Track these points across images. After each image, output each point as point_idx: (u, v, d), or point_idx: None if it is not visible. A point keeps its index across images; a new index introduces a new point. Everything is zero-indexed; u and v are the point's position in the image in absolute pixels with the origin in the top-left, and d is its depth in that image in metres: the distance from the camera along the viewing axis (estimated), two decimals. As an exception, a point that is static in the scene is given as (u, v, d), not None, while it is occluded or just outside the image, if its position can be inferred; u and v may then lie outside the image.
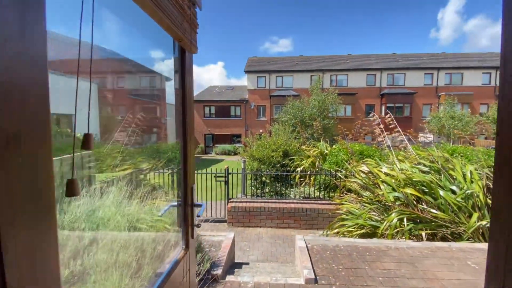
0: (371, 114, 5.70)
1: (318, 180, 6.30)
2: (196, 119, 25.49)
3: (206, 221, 5.52)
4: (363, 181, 4.85)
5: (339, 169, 5.87)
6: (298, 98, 17.75)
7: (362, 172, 5.07)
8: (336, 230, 4.70)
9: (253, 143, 8.07)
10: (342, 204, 5.04)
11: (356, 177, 5.06)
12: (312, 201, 5.49)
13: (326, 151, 7.70)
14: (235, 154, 22.46)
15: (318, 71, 20.56)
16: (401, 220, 4.03)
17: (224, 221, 5.46)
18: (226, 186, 5.45)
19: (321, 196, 6.30)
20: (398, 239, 3.97)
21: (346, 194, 5.40)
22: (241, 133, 24.66)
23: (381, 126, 5.53)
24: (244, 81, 27.27)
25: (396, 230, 3.98)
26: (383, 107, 23.68)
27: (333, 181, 5.71)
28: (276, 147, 7.59)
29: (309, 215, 5.15)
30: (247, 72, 24.01)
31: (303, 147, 8.41)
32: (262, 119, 24.33)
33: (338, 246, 3.49)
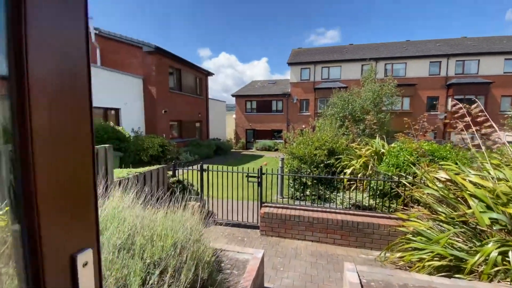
0: (454, 103, 4.31)
1: (372, 186, 5.13)
2: (237, 114, 25.43)
3: (237, 226, 4.87)
4: (441, 192, 3.61)
5: (402, 174, 4.62)
6: (347, 90, 16.01)
7: (438, 180, 3.81)
8: (399, 255, 3.59)
9: (293, 139, 7.16)
10: (408, 220, 3.87)
11: (429, 186, 3.83)
12: (366, 213, 4.40)
13: (382, 150, 6.39)
14: (276, 150, 21.64)
15: (370, 59, 18.32)
16: (504, 254, 2.80)
17: (257, 227, 4.73)
18: (259, 188, 4.70)
19: (375, 206, 5.14)
20: (499, 281, 2.75)
21: (412, 207, 4.19)
22: (282, 128, 23.67)
23: (467, 118, 4.12)
24: (287, 75, 26.10)
25: (496, 268, 2.76)
26: (450, 100, 20.24)
27: (394, 188, 4.51)
28: (321, 144, 6.56)
29: (361, 230, 4.09)
30: (290, 64, 22.82)
31: (353, 144, 7.18)
32: (305, 114, 22.96)
33: (407, 286, 2.45)
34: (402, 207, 4.41)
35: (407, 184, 4.14)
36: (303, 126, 21.27)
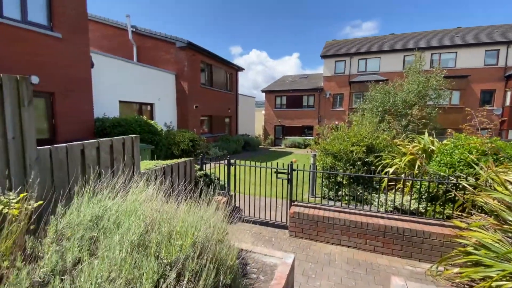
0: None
1: (420, 187, 4.48)
2: (267, 110, 25.11)
3: (264, 224, 4.58)
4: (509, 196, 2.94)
5: (462, 175, 3.92)
6: (386, 83, 14.73)
7: (510, 182, 3.13)
8: (456, 270, 3.01)
9: (327, 134, 6.65)
10: (469, 230, 3.24)
11: (497, 190, 3.16)
12: (414, 219, 3.83)
13: (432, 148, 5.62)
14: (305, 147, 20.94)
15: (414, 49, 16.61)
16: None
17: (285, 227, 4.40)
18: (289, 185, 4.34)
19: (422, 210, 4.49)
20: None
21: (472, 214, 3.52)
22: (313, 125, 22.84)
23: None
24: (319, 70, 25.05)
25: None
26: (509, 94, 17.76)
27: (449, 191, 3.85)
28: (358, 140, 5.97)
29: (408, 238, 3.55)
30: (323, 57, 21.81)
31: (396, 141, 6.46)
32: (338, 109, 21.85)
33: (477, 314, 1.95)
34: (458, 213, 3.75)
35: (468, 187, 3.48)
36: (336, 122, 20.26)
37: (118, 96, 10.03)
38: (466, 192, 3.55)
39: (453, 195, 3.81)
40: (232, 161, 4.82)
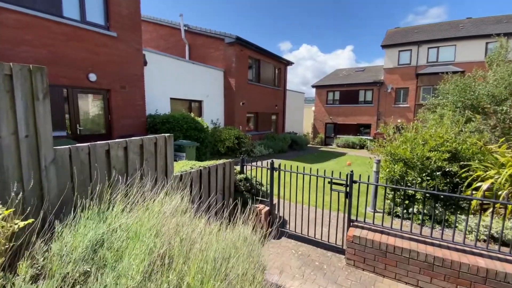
0: None
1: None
2: (317, 106, 23.66)
3: (314, 243, 3.83)
4: None
5: None
6: (463, 75, 12.15)
7: None
8: None
9: (393, 135, 5.48)
10: None
11: None
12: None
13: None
14: (361, 147, 19.03)
15: (500, 35, 13.33)
16: None
17: (341, 251, 3.58)
18: (347, 200, 3.50)
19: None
20: None
21: None
22: (370, 123, 20.65)
23: None
24: (377, 63, 22.56)
25: None
26: None
27: None
28: (438, 144, 4.72)
29: (528, 293, 2.42)
30: (384, 46, 19.43)
31: (492, 147, 4.98)
32: (401, 105, 19.26)
33: None
34: None
35: None
36: (398, 121, 17.83)
37: (170, 94, 10.26)
38: None
39: None
40: (276, 165, 4.17)
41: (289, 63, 17.79)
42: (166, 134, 3.04)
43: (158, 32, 14.71)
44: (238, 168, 4.61)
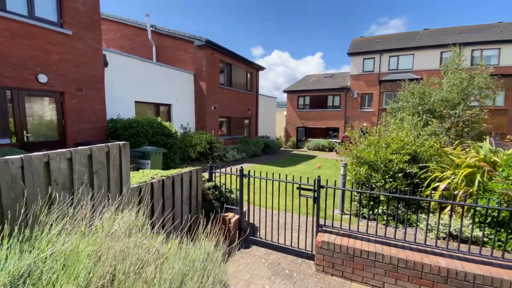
0: None
1: (480, 210, 3.42)
2: (288, 111, 24.08)
3: (284, 250, 3.75)
4: None
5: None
6: (420, 82, 13.14)
7: None
8: None
9: (359, 139, 5.66)
10: None
11: None
12: (486, 259, 2.81)
13: (495, 159, 4.47)
14: (330, 150, 19.68)
15: (455, 45, 14.73)
16: None
17: (311, 257, 3.53)
18: (315, 205, 3.48)
19: (484, 239, 3.46)
20: None
21: None
22: (339, 126, 21.50)
23: None
24: (344, 69, 23.68)
25: None
26: None
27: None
28: (399, 147, 4.94)
29: (480, 287, 2.55)
30: (351, 54, 20.41)
31: (448, 149, 5.33)
32: (367, 110, 20.32)
33: None
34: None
35: None
36: (365, 124, 18.74)
37: (134, 97, 9.70)
38: None
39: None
40: (246, 171, 4.04)
41: (260, 68, 17.90)
42: (121, 142, 2.77)
43: (122, 31, 13.95)
44: (206, 175, 4.41)
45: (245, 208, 4.30)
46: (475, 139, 8.66)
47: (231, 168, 4.33)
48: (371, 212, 4.71)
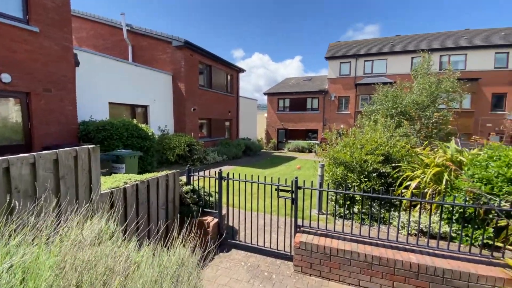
0: None
1: (448, 207, 3.65)
2: (269, 113, 24.28)
3: (263, 252, 3.75)
4: None
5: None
6: (393, 86, 13.85)
7: None
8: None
9: (336, 141, 5.82)
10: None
11: None
12: (454, 254, 2.98)
13: (461, 158, 4.77)
14: (310, 151, 20.08)
15: (425, 51, 15.73)
16: None
17: (290, 258, 3.57)
18: (293, 206, 3.52)
19: (453, 234, 3.66)
20: None
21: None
22: (317, 128, 22.01)
23: None
24: (322, 73, 24.31)
25: None
26: (522, 96, 16.80)
27: (500, 217, 3.00)
28: (373, 148, 5.14)
29: (449, 282, 2.70)
30: (328, 58, 21.02)
31: (418, 149, 5.62)
32: (344, 112, 20.99)
33: None
34: (504, 244, 2.91)
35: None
36: (341, 126, 19.36)
37: (108, 98, 9.31)
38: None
39: (504, 224, 2.95)
40: (231, 171, 4.01)
41: (241, 70, 17.91)
42: (91, 145, 2.64)
43: (96, 30, 13.36)
44: (184, 179, 4.31)
45: (224, 211, 4.25)
46: (443, 140, 9.24)
47: (209, 171, 4.27)
48: (347, 212, 4.84)
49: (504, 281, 2.56)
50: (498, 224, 3.06)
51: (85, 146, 2.60)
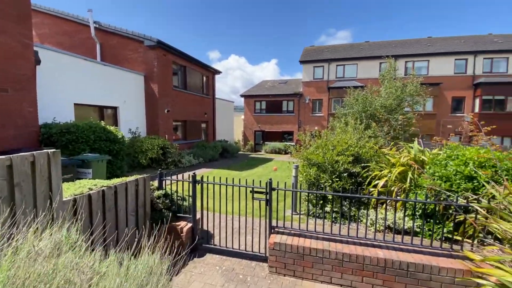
0: None
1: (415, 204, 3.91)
2: (246, 115, 24.34)
3: (238, 255, 3.73)
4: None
5: (472, 195, 3.35)
6: (363, 90, 14.59)
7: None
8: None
9: (309, 142, 5.98)
10: (484, 264, 2.65)
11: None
12: (417, 248, 3.18)
13: (423, 158, 5.12)
14: (286, 153, 20.42)
15: (390, 57, 16.83)
16: None
17: (265, 259, 3.58)
18: (268, 207, 3.55)
19: (416, 229, 3.92)
20: None
21: (485, 243, 2.95)
22: (293, 130, 22.47)
23: None
24: (297, 76, 24.98)
25: None
26: (478, 100, 18.50)
27: (458, 212, 3.26)
28: (343, 149, 5.35)
29: (413, 275, 2.88)
30: (302, 62, 21.58)
31: (385, 150, 5.94)
32: (318, 115, 21.65)
33: None
34: (468, 240, 3.17)
35: (480, 210, 2.89)
36: (315, 128, 19.94)
37: (74, 98, 8.75)
38: (479, 216, 2.96)
39: (462, 218, 3.22)
40: (199, 177, 3.94)
41: (217, 71, 17.77)
42: (50, 150, 2.46)
43: (60, 27, 12.53)
44: (156, 183, 4.16)
45: (199, 215, 4.17)
46: (408, 141, 9.87)
47: (182, 175, 4.17)
48: (320, 211, 4.99)
49: (463, 272, 2.77)
50: (457, 219, 3.32)
51: (45, 150, 2.41)
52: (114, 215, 3.15)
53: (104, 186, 3.06)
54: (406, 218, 4.15)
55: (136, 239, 3.15)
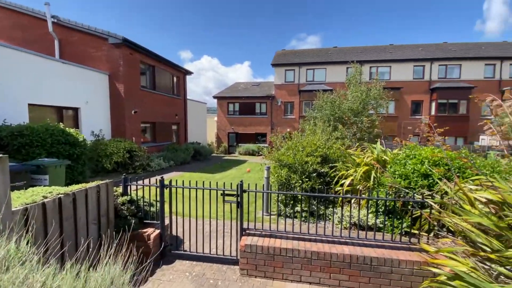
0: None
1: (376, 201, 4.16)
2: (219, 117, 24.12)
3: (209, 260, 3.67)
4: (487, 220, 2.65)
5: (427, 192, 3.64)
6: (332, 93, 15.26)
7: (478, 201, 2.86)
8: (431, 306, 2.58)
9: (281, 144, 6.09)
10: (439, 256, 2.89)
11: (464, 210, 2.87)
12: (380, 243, 3.38)
13: (385, 157, 5.47)
14: (260, 154, 20.58)
15: (355, 62, 17.82)
16: None
17: (236, 262, 3.56)
18: (238, 210, 3.54)
19: (379, 225, 4.17)
20: None
21: (439, 235, 3.23)
22: (266, 132, 22.73)
23: None
24: (270, 79, 25.36)
25: None
26: (434, 104, 20.24)
27: (415, 208, 3.52)
28: (312, 150, 5.53)
29: (376, 268, 3.05)
30: (274, 65, 21.96)
31: (350, 150, 6.23)
32: (289, 117, 22.15)
33: None
34: (424, 233, 3.44)
35: (434, 205, 3.16)
36: (288, 130, 20.38)
37: (28, 99, 8.00)
38: (433, 211, 3.23)
39: (418, 213, 3.48)
40: (167, 181, 3.81)
41: (188, 72, 17.39)
42: (-3, 155, 2.21)
43: (12, 20, 11.41)
44: (120, 189, 3.95)
45: (168, 221, 4.03)
46: (372, 142, 10.50)
47: (149, 180, 4.00)
48: (291, 211, 5.09)
49: (420, 264, 3.00)
50: (414, 214, 3.59)
51: (-13, 156, 2.17)
52: (73, 225, 2.92)
53: (61, 194, 2.83)
54: (370, 215, 4.40)
55: (98, 249, 2.96)
